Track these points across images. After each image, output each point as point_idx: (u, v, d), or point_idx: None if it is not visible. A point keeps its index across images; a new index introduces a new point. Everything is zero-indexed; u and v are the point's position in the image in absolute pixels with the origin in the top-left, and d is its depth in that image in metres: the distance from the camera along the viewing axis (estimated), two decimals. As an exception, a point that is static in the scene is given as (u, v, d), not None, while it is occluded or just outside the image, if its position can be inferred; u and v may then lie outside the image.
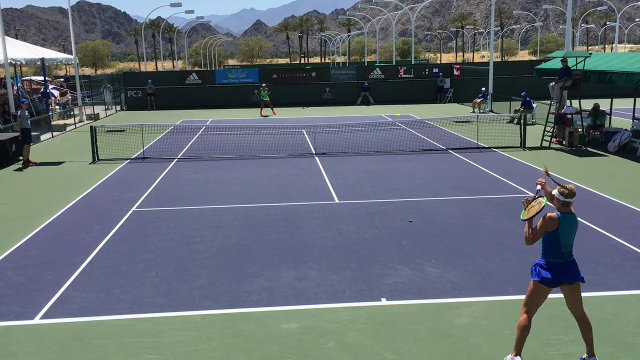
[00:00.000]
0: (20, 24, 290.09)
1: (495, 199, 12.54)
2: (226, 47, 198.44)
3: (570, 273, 5.66)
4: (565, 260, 5.64)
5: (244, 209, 12.22)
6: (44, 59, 28.87)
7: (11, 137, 18.61)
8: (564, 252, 5.62)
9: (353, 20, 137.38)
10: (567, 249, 5.62)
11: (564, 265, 5.64)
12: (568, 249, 5.63)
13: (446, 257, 9.05)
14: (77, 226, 11.23)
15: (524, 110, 24.55)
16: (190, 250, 9.70)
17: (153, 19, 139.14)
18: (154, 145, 21.42)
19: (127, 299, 7.81)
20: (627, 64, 18.20)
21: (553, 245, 5.59)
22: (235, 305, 7.53)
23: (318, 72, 39.56)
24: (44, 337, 6.83)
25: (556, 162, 16.70)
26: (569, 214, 5.59)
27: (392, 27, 58.30)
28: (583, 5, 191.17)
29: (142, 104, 37.25)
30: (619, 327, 6.74)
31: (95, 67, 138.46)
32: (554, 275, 5.63)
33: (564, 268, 5.64)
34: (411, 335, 6.66)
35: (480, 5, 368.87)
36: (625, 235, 9.91)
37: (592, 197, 12.67)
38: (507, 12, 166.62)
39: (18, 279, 8.63)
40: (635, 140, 18.00)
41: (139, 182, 15.03)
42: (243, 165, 17.17)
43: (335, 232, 10.46)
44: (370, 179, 14.85)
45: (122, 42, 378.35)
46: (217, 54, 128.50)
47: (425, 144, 20.48)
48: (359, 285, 8.09)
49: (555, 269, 5.63)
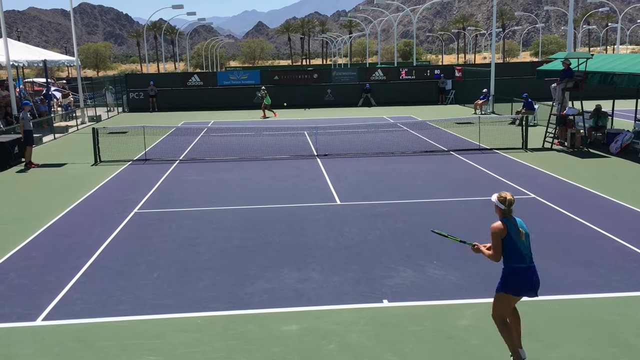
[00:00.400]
0: (22, 26, 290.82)
1: (497, 201, 12.50)
2: (228, 48, 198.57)
3: (534, 286, 5.73)
4: (528, 265, 5.70)
5: (246, 211, 12.22)
6: (46, 60, 28.93)
7: (13, 139, 18.64)
8: (525, 256, 5.68)
9: (354, 22, 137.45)
10: (527, 251, 5.70)
11: (527, 271, 5.68)
12: (528, 252, 5.71)
13: (448, 259, 9.04)
14: (79, 228, 11.24)
15: (526, 112, 24.53)
16: (192, 251, 9.70)
17: (155, 21, 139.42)
18: (156, 147, 21.44)
19: (128, 300, 7.81)
20: (629, 65, 18.19)
21: (512, 251, 5.67)
22: (237, 307, 7.53)
23: (320, 74, 39.57)
24: (45, 338, 6.83)
25: (558, 164, 16.68)
26: (512, 218, 5.74)
27: (393, 28, 58.34)
28: (585, 7, 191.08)
29: (144, 105, 37.30)
30: (621, 328, 6.72)
31: (97, 69, 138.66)
32: (520, 283, 5.68)
33: (528, 273, 5.68)
34: (413, 337, 6.65)
35: (482, 7, 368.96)
36: (628, 237, 9.89)
37: (594, 198, 12.65)
38: (508, 13, 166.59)
39: (20, 280, 8.64)
40: (637, 142, 17.97)
41: (140, 184, 15.04)
42: (245, 167, 17.18)
43: (337, 234, 10.46)
44: (372, 181, 14.85)
45: (124, 44, 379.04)
46: (219, 55, 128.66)
47: (427, 145, 20.47)
48: (361, 286, 8.08)
49: (520, 275, 5.67)
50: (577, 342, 6.41)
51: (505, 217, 5.73)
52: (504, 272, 5.76)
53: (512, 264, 5.68)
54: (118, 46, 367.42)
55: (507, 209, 5.71)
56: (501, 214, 5.77)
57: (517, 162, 17.02)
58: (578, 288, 7.87)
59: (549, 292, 7.72)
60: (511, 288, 5.70)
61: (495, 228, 5.67)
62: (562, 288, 7.88)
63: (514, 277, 5.68)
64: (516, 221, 5.74)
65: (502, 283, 5.77)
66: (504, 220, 5.71)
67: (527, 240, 5.72)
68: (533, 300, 7.49)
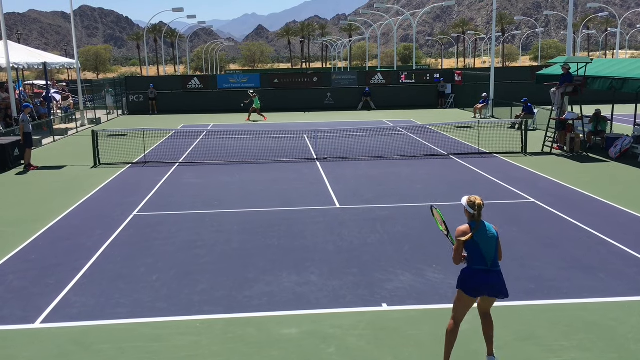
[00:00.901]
0: (22, 28, 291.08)
1: (496, 205, 12.52)
2: (228, 52, 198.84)
3: (493, 286, 5.77)
4: (488, 268, 5.75)
5: (245, 214, 12.21)
6: (46, 63, 28.95)
7: (13, 141, 18.63)
8: (487, 259, 5.74)
9: (354, 26, 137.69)
10: (490, 255, 5.75)
11: (486, 273, 5.74)
12: (491, 256, 5.76)
13: (447, 263, 9.02)
14: (78, 230, 11.23)
15: (525, 116, 24.57)
16: (191, 254, 9.69)
17: (155, 24, 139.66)
18: (156, 149, 21.44)
19: (127, 303, 7.80)
20: (628, 70, 18.21)
21: (475, 254, 5.76)
22: (236, 310, 7.52)
23: (319, 77, 39.61)
24: (44, 341, 6.82)
25: (557, 168, 16.69)
26: (481, 222, 5.79)
27: (393, 32, 58.42)
28: (584, 12, 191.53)
29: (144, 108, 37.30)
30: (621, 334, 6.71)
31: (97, 71, 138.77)
32: (476, 282, 5.76)
33: (486, 276, 5.74)
34: (412, 340, 6.65)
35: (482, 11, 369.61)
36: (628, 242, 9.88)
37: (593, 203, 12.65)
38: (508, 18, 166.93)
39: (19, 282, 8.62)
40: (636, 146, 17.98)
41: (140, 187, 15.03)
42: (244, 170, 17.17)
43: (336, 237, 10.45)
44: (371, 184, 14.85)
45: (124, 47, 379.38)
46: (219, 58, 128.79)
47: (427, 149, 20.48)
48: (360, 290, 8.07)
49: (477, 275, 5.76)
50: (577, 347, 6.40)
51: (473, 221, 5.79)
52: (463, 270, 5.89)
53: (472, 265, 5.79)
54: (118, 49, 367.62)
55: (476, 213, 5.76)
56: (469, 217, 5.84)
57: (516, 166, 17.03)
58: (577, 292, 7.87)
59: (548, 297, 7.72)
60: (467, 287, 5.81)
61: (458, 231, 5.77)
62: (561, 292, 7.87)
63: (471, 277, 5.79)
64: (485, 225, 5.79)
65: (459, 279, 5.91)
66: (471, 223, 5.78)
67: (492, 245, 5.76)
68: (532, 305, 7.52)
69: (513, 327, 6.93)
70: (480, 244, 5.72)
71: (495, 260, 5.80)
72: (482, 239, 5.73)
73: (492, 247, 5.77)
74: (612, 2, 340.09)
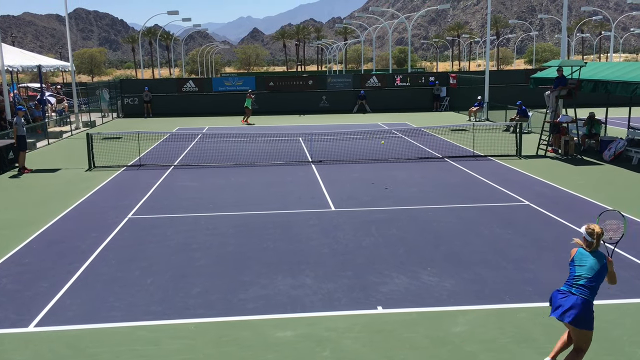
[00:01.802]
0: (17, 31, 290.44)
1: (491, 207, 12.55)
2: (223, 54, 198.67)
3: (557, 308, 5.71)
4: (569, 291, 5.70)
5: (240, 217, 12.20)
6: (40, 66, 28.86)
7: (7, 144, 18.57)
8: (574, 283, 5.70)
9: (350, 29, 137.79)
10: (578, 280, 5.68)
11: (565, 295, 5.70)
12: (579, 281, 5.68)
13: (442, 266, 9.04)
14: (73, 233, 11.19)
15: (520, 119, 24.64)
16: (186, 257, 9.67)
17: (150, 27, 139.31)
18: (150, 152, 21.40)
19: (122, 306, 7.77)
20: (622, 73, 18.30)
21: (570, 272, 5.79)
22: (230, 313, 7.51)
23: (315, 80, 39.64)
24: (38, 345, 6.79)
25: (552, 171, 16.74)
26: (589, 251, 5.72)
27: (388, 35, 58.53)
28: (578, 15, 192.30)
29: (139, 111, 37.26)
30: (617, 336, 6.73)
31: (92, 74, 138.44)
32: (554, 300, 5.77)
33: (563, 297, 5.70)
34: (407, 343, 6.65)
35: (476, 15, 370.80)
36: (622, 244, 9.87)
37: (587, 205, 12.69)
38: (502, 21, 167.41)
39: (13, 286, 8.59)
40: (630, 149, 18.06)
41: (134, 190, 15.00)
42: (239, 173, 17.16)
43: (331, 240, 10.45)
44: (366, 187, 14.85)
45: (119, 50, 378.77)
46: (214, 61, 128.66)
47: (422, 152, 20.51)
48: (355, 293, 8.07)
49: (554, 296, 5.79)
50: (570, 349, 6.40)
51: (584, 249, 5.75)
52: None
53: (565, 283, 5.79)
54: (113, 52, 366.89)
55: (595, 242, 5.69)
56: (584, 243, 5.78)
57: (511, 169, 17.07)
58: (572, 295, 7.87)
59: (545, 299, 7.73)
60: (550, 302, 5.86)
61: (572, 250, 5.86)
62: (556, 295, 7.88)
63: (553, 295, 5.83)
64: (588, 255, 5.70)
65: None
66: (580, 249, 5.77)
67: (588, 272, 5.66)
68: (529, 307, 7.54)
69: (507, 329, 6.95)
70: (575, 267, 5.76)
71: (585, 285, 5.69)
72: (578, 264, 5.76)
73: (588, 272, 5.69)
74: (606, 5, 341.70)
